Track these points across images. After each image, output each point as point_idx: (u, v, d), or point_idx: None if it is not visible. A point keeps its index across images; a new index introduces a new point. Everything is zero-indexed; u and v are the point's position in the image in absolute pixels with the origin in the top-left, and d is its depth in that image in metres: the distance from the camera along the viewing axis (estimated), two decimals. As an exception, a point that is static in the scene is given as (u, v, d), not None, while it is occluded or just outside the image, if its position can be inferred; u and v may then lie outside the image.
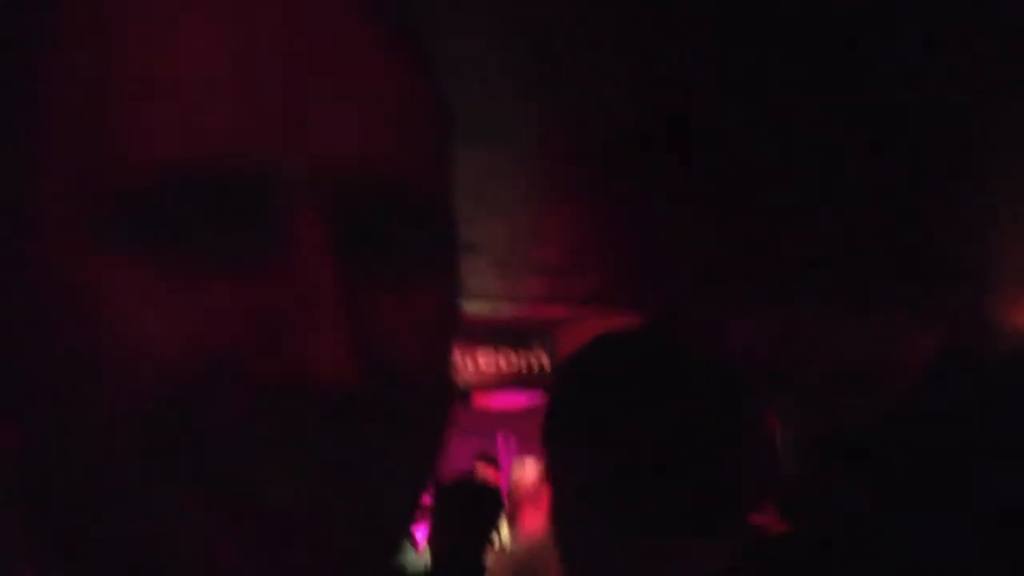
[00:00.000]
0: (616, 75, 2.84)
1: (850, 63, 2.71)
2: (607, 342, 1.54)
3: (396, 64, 0.44)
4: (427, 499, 3.15)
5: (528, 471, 4.94)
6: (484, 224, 3.80)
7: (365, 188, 0.42)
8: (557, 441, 1.45)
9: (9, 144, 0.44)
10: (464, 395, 6.50)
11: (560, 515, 1.49)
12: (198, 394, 0.39)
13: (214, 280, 0.40)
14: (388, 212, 0.42)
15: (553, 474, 1.47)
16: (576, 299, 5.51)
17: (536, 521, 4.36)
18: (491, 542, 3.65)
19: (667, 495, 1.37)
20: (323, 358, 0.38)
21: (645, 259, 4.82)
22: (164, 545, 0.41)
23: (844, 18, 2.45)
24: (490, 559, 3.56)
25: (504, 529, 4.48)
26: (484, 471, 5.84)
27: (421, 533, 4.13)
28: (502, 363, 6.81)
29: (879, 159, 3.48)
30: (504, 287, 5.29)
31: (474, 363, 6.66)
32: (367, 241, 0.42)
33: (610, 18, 2.42)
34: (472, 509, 3.51)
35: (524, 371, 6.84)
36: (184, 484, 0.40)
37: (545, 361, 6.75)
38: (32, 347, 0.42)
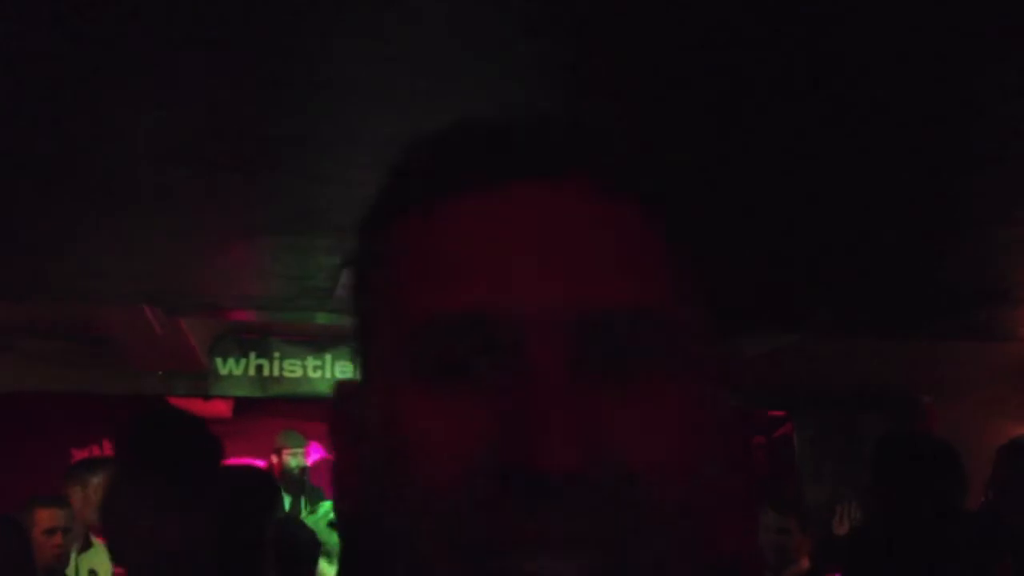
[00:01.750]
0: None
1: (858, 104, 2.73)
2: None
3: (613, 231, 0.59)
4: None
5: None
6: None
7: (587, 321, 0.55)
8: None
9: (365, 328, 0.64)
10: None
11: None
12: (470, 479, 0.54)
13: (477, 400, 0.55)
14: (612, 332, 0.56)
15: None
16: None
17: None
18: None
19: None
20: (549, 450, 0.51)
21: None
22: None
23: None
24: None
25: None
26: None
27: None
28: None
29: (898, 177, 3.49)
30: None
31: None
32: (599, 356, 0.55)
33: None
34: None
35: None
36: (456, 552, 0.54)
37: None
38: (374, 449, 0.60)
